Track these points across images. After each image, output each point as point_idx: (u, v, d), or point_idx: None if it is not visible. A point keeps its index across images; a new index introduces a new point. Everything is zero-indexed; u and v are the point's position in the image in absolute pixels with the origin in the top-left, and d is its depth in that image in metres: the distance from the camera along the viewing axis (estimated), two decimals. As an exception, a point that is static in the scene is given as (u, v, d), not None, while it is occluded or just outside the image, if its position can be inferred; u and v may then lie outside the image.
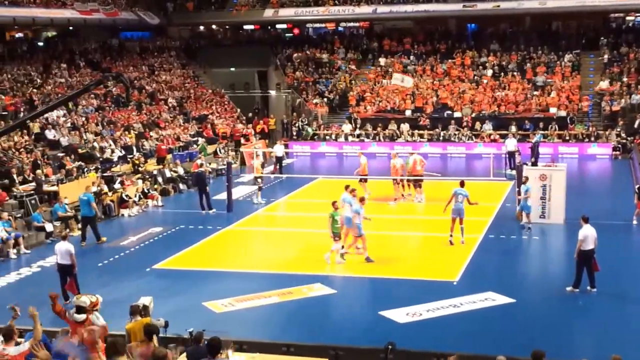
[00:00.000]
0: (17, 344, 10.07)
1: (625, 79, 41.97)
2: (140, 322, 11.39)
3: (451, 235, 21.06)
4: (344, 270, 19.22)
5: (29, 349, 9.66)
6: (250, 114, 45.66)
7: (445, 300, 16.44)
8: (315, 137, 43.32)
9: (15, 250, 21.71)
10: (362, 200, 20.37)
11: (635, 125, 38.58)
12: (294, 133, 43.57)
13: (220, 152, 37.69)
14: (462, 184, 21.65)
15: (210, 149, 37.80)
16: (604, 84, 42.03)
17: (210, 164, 34.17)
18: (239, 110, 46.35)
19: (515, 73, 44.32)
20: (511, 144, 34.05)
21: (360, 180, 26.83)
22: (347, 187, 21.31)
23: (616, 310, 15.90)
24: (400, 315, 15.63)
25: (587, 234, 16.57)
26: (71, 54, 43.47)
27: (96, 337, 10.31)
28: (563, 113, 40.60)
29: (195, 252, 21.62)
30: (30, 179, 26.44)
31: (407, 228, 24.11)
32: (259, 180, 28.46)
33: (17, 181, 25.93)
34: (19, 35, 47.21)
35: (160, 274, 19.34)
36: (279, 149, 34.39)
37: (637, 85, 41.08)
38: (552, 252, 21.90)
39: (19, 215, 23.93)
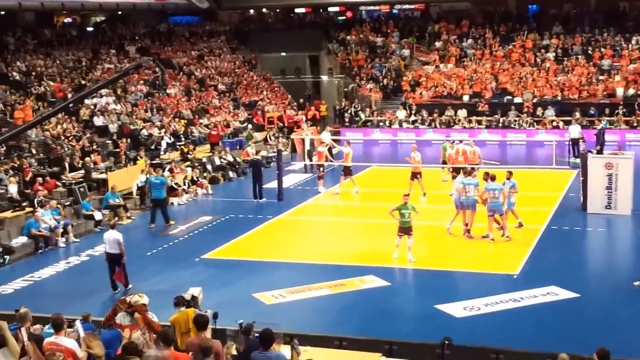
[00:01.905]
0: (66, 334, 10.17)
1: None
2: (185, 313, 11.43)
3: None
4: (398, 261, 19.04)
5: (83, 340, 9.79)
6: (301, 100, 45.63)
7: (505, 294, 16.22)
8: (369, 123, 43.12)
9: (64, 239, 22.07)
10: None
11: None
12: (346, 119, 43.42)
13: (270, 140, 37.74)
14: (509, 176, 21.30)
15: (260, 136, 37.88)
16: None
17: (260, 151, 34.26)
18: (289, 96, 46.36)
19: (579, 56, 43.48)
20: (575, 130, 33.47)
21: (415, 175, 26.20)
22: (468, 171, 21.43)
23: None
24: (457, 309, 15.47)
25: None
26: (120, 39, 43.96)
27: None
28: (631, 91, 39.65)
29: (245, 242, 21.70)
30: (79, 166, 26.80)
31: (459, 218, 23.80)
32: (322, 168, 28.28)
33: (66, 168, 26.32)
34: (67, 20, 47.90)
35: (209, 264, 19.46)
36: (326, 136, 34.18)
37: None
38: (619, 244, 21.48)
39: (67, 203, 24.31)
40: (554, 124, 39.44)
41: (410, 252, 18.83)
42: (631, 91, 39.84)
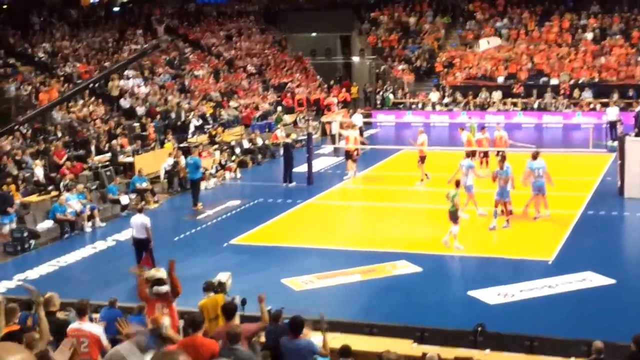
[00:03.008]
0: (92, 320, 10.28)
1: None
2: (214, 299, 11.50)
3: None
4: (431, 247, 18.99)
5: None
6: (332, 82, 45.53)
7: (540, 280, 16.16)
8: (401, 105, 42.96)
9: (90, 223, 22.26)
10: None
11: None
12: (378, 102, 43.30)
13: (300, 122, 37.74)
14: (534, 157, 21.08)
15: (289, 118, 37.89)
16: None
17: (290, 134, 34.28)
18: (320, 78, 46.26)
19: (617, 37, 42.91)
20: (612, 113, 33.12)
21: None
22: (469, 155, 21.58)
23: None
24: (490, 295, 15.43)
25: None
26: (147, 19, 44.11)
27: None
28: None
29: (274, 227, 21.77)
30: (105, 149, 26.97)
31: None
32: (356, 152, 28.14)
33: (92, 151, 26.51)
34: (94, 0, 48.12)
35: (237, 250, 19.55)
36: (357, 119, 34.07)
37: None
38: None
39: (94, 187, 24.47)
40: (591, 106, 39.04)
41: (455, 240, 18.62)
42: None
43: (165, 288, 10.93)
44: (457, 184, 19.38)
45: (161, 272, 11.27)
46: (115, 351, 8.29)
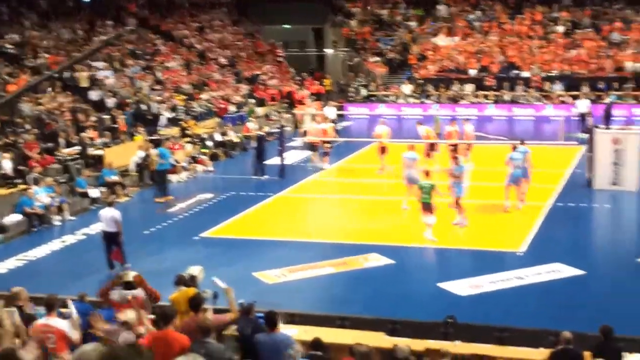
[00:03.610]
0: (61, 315, 10.24)
1: None
2: (185, 293, 11.48)
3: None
4: (402, 239, 19.11)
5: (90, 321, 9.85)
6: (304, 74, 45.51)
7: (509, 271, 16.30)
8: (373, 98, 43.06)
9: (59, 217, 22.08)
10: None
11: None
12: (350, 94, 43.36)
13: (273, 115, 37.71)
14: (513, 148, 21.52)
15: (262, 111, 37.85)
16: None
17: (263, 127, 34.26)
18: (293, 70, 46.23)
19: (588, 30, 43.26)
20: (583, 105, 33.42)
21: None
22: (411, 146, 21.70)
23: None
24: (461, 287, 15.55)
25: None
26: (118, 10, 43.77)
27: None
28: (638, 65, 39.54)
29: (246, 220, 21.77)
30: (74, 142, 26.78)
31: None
32: (328, 144, 28.38)
33: (61, 144, 26.31)
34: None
35: (209, 243, 19.51)
36: (330, 111, 34.20)
37: None
38: (625, 221, 21.55)
39: (63, 180, 24.30)
40: (562, 98, 39.39)
41: (429, 230, 18.81)
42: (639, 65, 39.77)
43: (131, 292, 10.90)
44: (427, 173, 19.49)
45: (130, 276, 11.22)
46: (82, 352, 8.27)
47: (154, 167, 25.29)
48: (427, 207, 18.71)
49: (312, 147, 28.61)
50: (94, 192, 23.80)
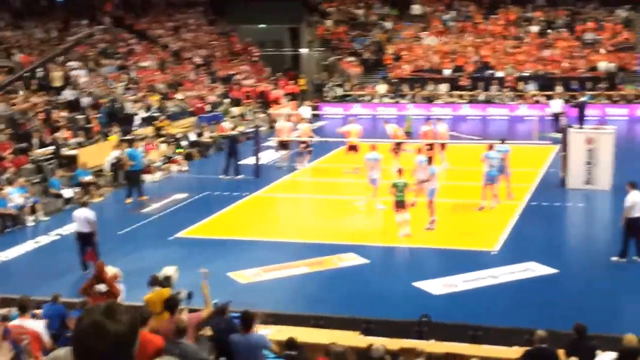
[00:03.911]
0: (34, 316, 10.18)
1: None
2: (159, 293, 11.46)
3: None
4: (378, 239, 19.17)
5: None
6: (279, 74, 45.48)
7: (483, 270, 16.38)
8: (348, 98, 43.13)
9: (32, 217, 21.91)
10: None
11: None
12: (326, 94, 43.40)
13: (248, 115, 37.66)
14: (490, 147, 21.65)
15: (237, 111, 37.79)
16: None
17: (237, 127, 34.20)
18: (268, 69, 46.15)
19: (562, 30, 43.59)
20: (556, 105, 33.64)
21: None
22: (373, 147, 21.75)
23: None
24: (435, 286, 15.61)
25: (635, 201, 16.39)
26: (92, 10, 43.50)
27: None
28: (611, 66, 39.93)
29: (221, 220, 21.73)
30: (48, 142, 26.59)
31: (441, 194, 23.93)
32: (304, 145, 28.39)
33: (34, 145, 26.10)
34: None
35: (184, 243, 19.44)
36: (305, 111, 34.22)
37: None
38: (598, 220, 21.75)
39: (36, 180, 24.12)
40: (536, 98, 39.65)
41: (406, 226, 18.96)
42: (612, 67, 40.12)
43: (105, 287, 10.88)
44: (400, 172, 19.57)
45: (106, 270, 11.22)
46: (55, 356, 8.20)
47: (128, 168, 25.16)
48: (401, 205, 18.83)
49: (283, 146, 28.60)
50: (68, 193, 23.63)
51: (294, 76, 45.64)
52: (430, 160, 20.78)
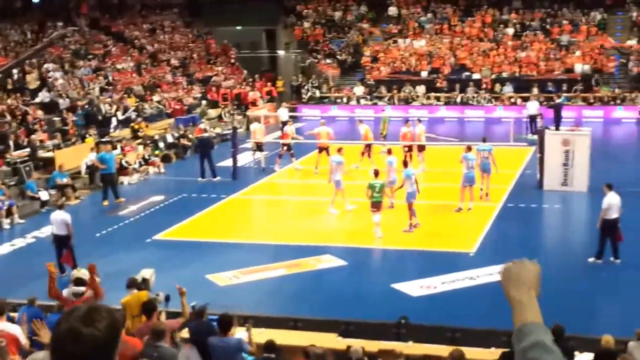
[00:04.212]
0: (11, 319, 10.08)
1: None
2: (137, 296, 11.41)
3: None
4: (355, 240, 19.19)
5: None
6: (257, 76, 45.40)
7: (461, 272, 16.45)
8: (325, 100, 43.14)
9: (8, 220, 21.73)
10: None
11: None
12: (303, 96, 43.40)
13: (225, 116, 37.58)
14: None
15: (214, 112, 37.70)
16: (632, 43, 41.55)
17: (214, 128, 34.16)
18: (245, 71, 46.06)
19: (538, 32, 43.86)
20: (533, 107, 33.81)
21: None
22: (339, 149, 21.86)
23: (640, 282, 15.85)
24: (413, 288, 15.64)
25: (611, 202, 16.48)
26: (68, 11, 43.27)
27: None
28: (587, 68, 40.28)
29: (199, 222, 21.64)
30: (24, 144, 26.39)
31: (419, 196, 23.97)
32: (285, 147, 28.41)
33: (10, 147, 25.90)
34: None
35: (161, 245, 19.37)
36: (283, 113, 34.19)
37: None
38: (575, 221, 21.89)
39: (12, 183, 23.92)
40: (512, 100, 39.85)
41: (377, 227, 19.08)
42: (587, 68, 40.45)
43: (82, 289, 10.78)
44: (377, 173, 19.62)
45: (81, 272, 11.12)
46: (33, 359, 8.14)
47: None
48: (377, 206, 18.92)
49: (257, 147, 28.61)
50: (44, 195, 23.46)
51: (271, 78, 45.60)
52: (405, 164, 20.64)
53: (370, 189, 18.94)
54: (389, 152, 22.17)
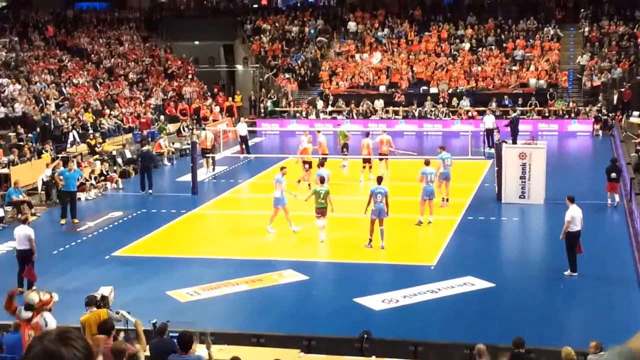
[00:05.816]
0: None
1: (605, 53, 42.19)
2: (96, 314, 11.21)
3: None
4: (317, 255, 19.16)
5: None
6: (215, 90, 45.28)
7: (423, 285, 16.43)
8: (284, 114, 43.14)
9: (-36, 237, 21.32)
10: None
11: (615, 102, 39.00)
12: (262, 110, 43.37)
13: (184, 131, 37.38)
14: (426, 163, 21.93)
15: (173, 127, 37.49)
16: (585, 59, 42.21)
17: (173, 143, 33.95)
18: (204, 86, 45.89)
19: (493, 47, 44.36)
20: (489, 121, 34.14)
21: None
22: (282, 168, 21.79)
23: (598, 294, 16.00)
24: (375, 302, 15.60)
25: (575, 215, 16.57)
26: (23, 26, 42.78)
27: None
28: (542, 83, 40.86)
29: (158, 238, 21.41)
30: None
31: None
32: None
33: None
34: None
35: (120, 262, 19.09)
36: (242, 128, 34.08)
37: (617, 60, 41.36)
38: (533, 233, 22.08)
39: (-33, 200, 23.51)
40: (469, 114, 40.20)
41: (322, 231, 19.66)
42: (542, 83, 41.01)
43: (28, 314, 10.58)
44: (322, 180, 19.90)
45: (30, 298, 10.85)
46: None
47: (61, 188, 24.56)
48: (322, 212, 19.42)
49: (203, 152, 29.43)
50: (0, 212, 23.03)
51: (229, 92, 45.47)
52: (380, 180, 20.53)
53: (315, 195, 19.46)
54: (321, 165, 23.16)
